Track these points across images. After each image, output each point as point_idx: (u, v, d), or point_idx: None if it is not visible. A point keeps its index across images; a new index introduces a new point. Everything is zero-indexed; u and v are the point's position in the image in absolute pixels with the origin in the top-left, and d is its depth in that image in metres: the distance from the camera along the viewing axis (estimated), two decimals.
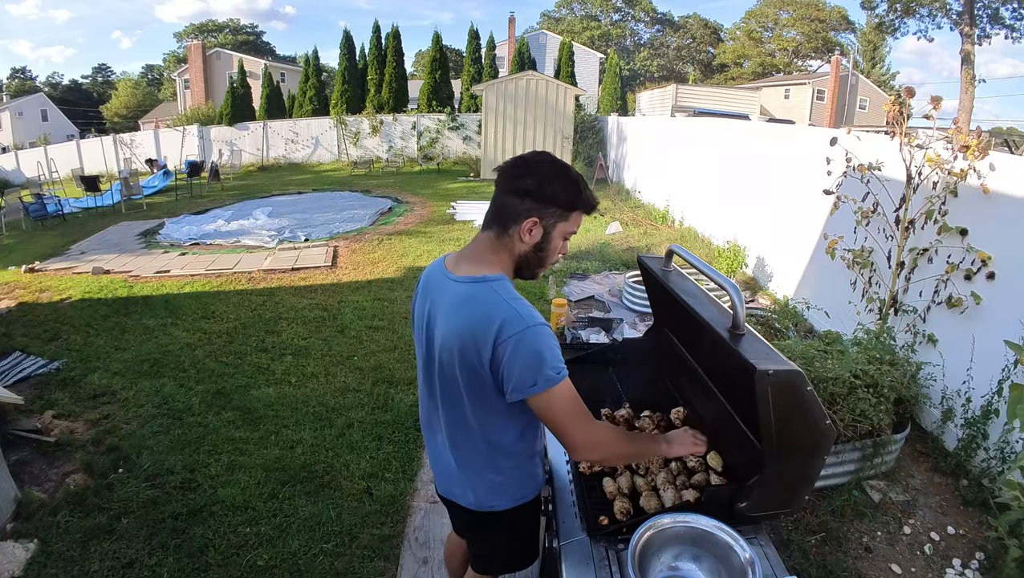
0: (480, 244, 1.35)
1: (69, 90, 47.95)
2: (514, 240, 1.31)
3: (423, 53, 39.99)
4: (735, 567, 1.21)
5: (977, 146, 3.00)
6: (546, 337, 1.23)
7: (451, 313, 1.30)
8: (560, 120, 14.24)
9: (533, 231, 1.29)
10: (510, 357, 1.20)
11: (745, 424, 1.46)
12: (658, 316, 2.13)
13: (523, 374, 1.21)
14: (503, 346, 1.21)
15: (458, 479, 1.47)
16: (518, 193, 1.29)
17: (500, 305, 1.24)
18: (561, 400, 1.24)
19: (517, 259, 1.34)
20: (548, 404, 1.24)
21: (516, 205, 1.29)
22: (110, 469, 3.05)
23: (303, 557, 2.47)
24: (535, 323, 1.22)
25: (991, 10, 25.99)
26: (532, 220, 1.28)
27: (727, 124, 7.56)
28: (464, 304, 1.28)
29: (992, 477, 2.73)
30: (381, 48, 20.51)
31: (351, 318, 5.23)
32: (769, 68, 41.42)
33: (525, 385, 1.21)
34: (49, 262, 7.64)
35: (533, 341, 1.21)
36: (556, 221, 1.31)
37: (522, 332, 1.20)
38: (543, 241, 1.32)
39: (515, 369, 1.21)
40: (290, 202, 12.17)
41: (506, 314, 1.22)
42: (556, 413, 1.25)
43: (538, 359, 1.20)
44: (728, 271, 6.16)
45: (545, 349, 1.21)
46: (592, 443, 1.31)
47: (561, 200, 1.30)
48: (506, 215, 1.30)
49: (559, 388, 1.23)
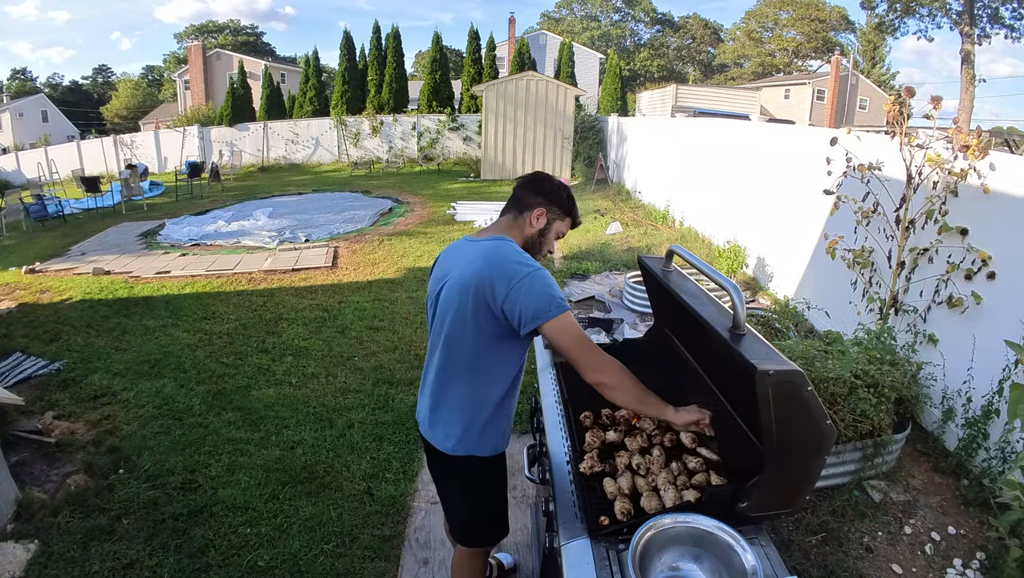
0: (500, 223, 1.74)
1: (69, 91, 47.97)
2: (526, 222, 1.70)
3: (423, 54, 39.99)
4: (736, 567, 1.21)
5: (977, 146, 3.00)
6: (549, 279, 1.53)
7: (473, 260, 1.57)
8: (560, 120, 14.24)
9: (540, 218, 1.70)
10: (526, 293, 1.48)
11: (746, 424, 1.46)
12: (659, 316, 2.13)
13: (538, 304, 1.48)
14: (519, 284, 1.49)
15: (435, 420, 1.70)
16: (534, 191, 1.72)
17: (514, 257, 1.56)
18: (572, 324, 1.50)
19: (525, 240, 1.71)
20: (562, 327, 1.48)
21: (532, 198, 1.71)
22: (111, 470, 3.06)
23: (304, 558, 2.47)
24: (539, 267, 1.55)
25: (991, 10, 25.97)
26: (541, 210, 1.70)
27: (727, 124, 7.56)
28: (488, 253, 1.57)
29: (993, 477, 2.73)
30: (381, 49, 20.52)
31: (351, 319, 5.23)
32: (769, 68, 41.43)
33: (542, 313, 1.47)
34: (50, 263, 7.65)
35: (542, 279, 1.51)
36: (556, 218, 1.73)
37: (533, 272, 1.51)
38: (545, 228, 1.72)
39: (531, 301, 1.48)
40: (290, 203, 12.17)
41: (519, 259, 1.55)
42: (570, 335, 1.49)
43: (549, 290, 1.50)
44: (728, 271, 6.15)
45: (552, 285, 1.53)
46: (599, 365, 1.51)
47: (563, 204, 1.74)
48: (523, 203, 1.71)
49: (568, 315, 1.50)
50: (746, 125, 7.58)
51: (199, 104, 27.06)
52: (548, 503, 1.61)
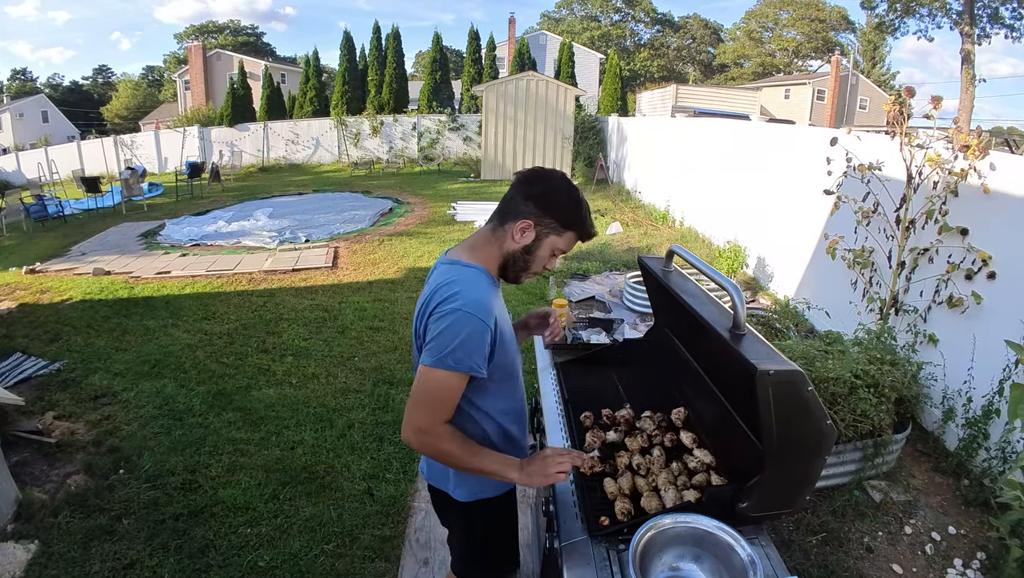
0: (477, 234, 1.42)
1: (69, 91, 47.95)
2: (507, 236, 1.36)
3: (423, 54, 40.00)
4: (736, 567, 1.21)
5: (977, 146, 3.00)
6: (472, 326, 1.24)
7: (424, 291, 1.37)
8: (560, 121, 14.25)
9: (525, 233, 1.35)
10: (433, 325, 1.26)
11: (746, 424, 1.46)
12: (659, 316, 2.13)
13: (433, 344, 1.24)
14: (431, 317, 1.27)
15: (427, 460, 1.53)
16: (524, 195, 1.35)
17: (450, 284, 1.29)
18: (433, 383, 1.26)
19: (504, 256, 1.38)
20: (425, 380, 1.26)
21: (519, 205, 1.35)
22: (111, 470, 3.06)
23: (304, 558, 2.47)
24: (471, 311, 1.24)
25: (991, 9, 25.97)
26: (527, 222, 1.34)
27: (727, 124, 7.56)
28: (430, 281, 1.37)
29: (993, 477, 2.72)
30: (381, 49, 20.53)
31: (352, 319, 5.23)
32: (769, 68, 41.42)
33: (429, 354, 1.25)
34: (50, 263, 7.65)
35: (456, 321, 1.23)
36: (550, 232, 1.36)
37: (453, 310, 1.24)
38: (532, 246, 1.36)
39: (431, 338, 1.26)
40: (291, 203, 12.18)
41: (449, 292, 1.27)
42: (419, 388, 1.28)
43: (452, 338, 1.23)
44: (728, 271, 6.15)
45: (464, 334, 1.23)
46: (421, 429, 1.28)
47: (560, 214, 1.35)
48: (507, 211, 1.37)
49: (441, 373, 1.24)
50: (746, 125, 7.59)
51: (199, 104, 27.05)
52: (548, 503, 1.61)
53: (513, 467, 1.35)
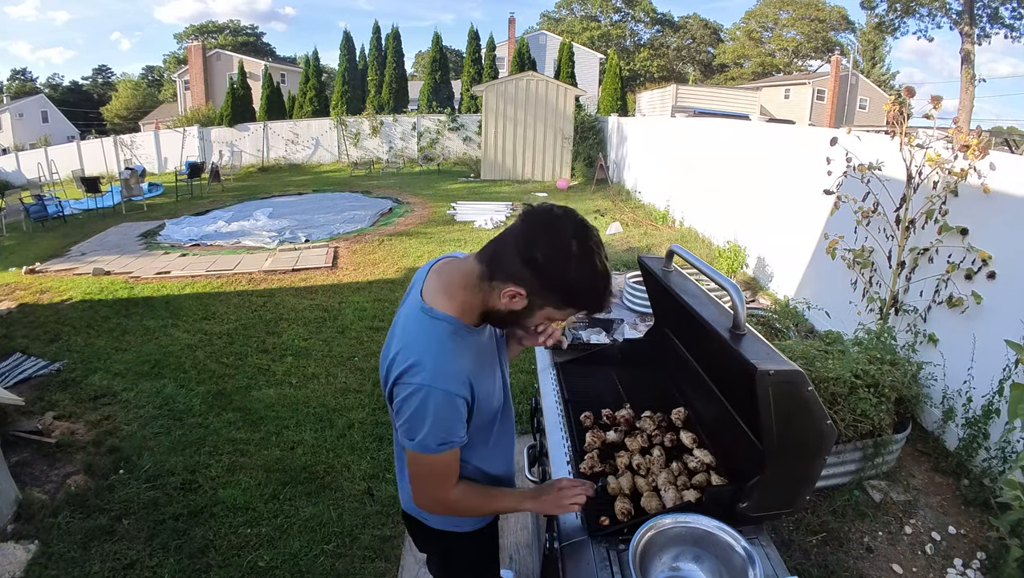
0: (463, 270, 1.19)
1: (69, 91, 47.94)
2: (493, 292, 1.14)
3: (423, 54, 39.98)
4: (736, 567, 1.21)
5: (977, 145, 3.00)
6: (438, 404, 1.12)
7: (390, 336, 1.27)
8: (560, 121, 14.24)
9: (515, 300, 1.12)
10: (400, 403, 1.15)
11: (746, 424, 1.46)
12: (659, 316, 2.13)
13: (406, 425, 1.15)
14: (398, 389, 1.15)
15: (404, 485, 1.41)
16: (524, 256, 1.08)
17: (420, 348, 1.15)
18: (431, 469, 1.20)
19: (487, 309, 1.18)
20: (418, 465, 1.21)
21: (514, 266, 1.09)
22: (111, 470, 3.06)
23: (304, 558, 2.47)
24: (437, 386, 1.11)
25: (991, 9, 25.98)
26: (519, 291, 1.10)
27: (727, 124, 7.56)
28: (399, 325, 1.25)
29: (993, 477, 2.73)
30: (381, 49, 20.53)
31: (352, 319, 5.23)
32: (769, 68, 41.42)
33: (406, 436, 1.16)
34: (50, 263, 7.65)
35: (423, 401, 1.11)
36: (546, 304, 1.14)
37: (419, 387, 1.11)
38: (522, 313, 1.16)
39: (403, 416, 1.15)
40: (290, 203, 12.17)
41: (417, 358, 1.13)
42: (414, 471, 1.23)
43: (422, 421, 1.12)
44: (728, 271, 6.15)
45: (431, 417, 1.12)
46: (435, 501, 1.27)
47: (565, 295, 1.12)
48: (499, 265, 1.11)
49: (433, 458, 1.17)
50: (746, 125, 7.58)
51: (199, 104, 27.05)
52: None
53: (527, 498, 1.38)
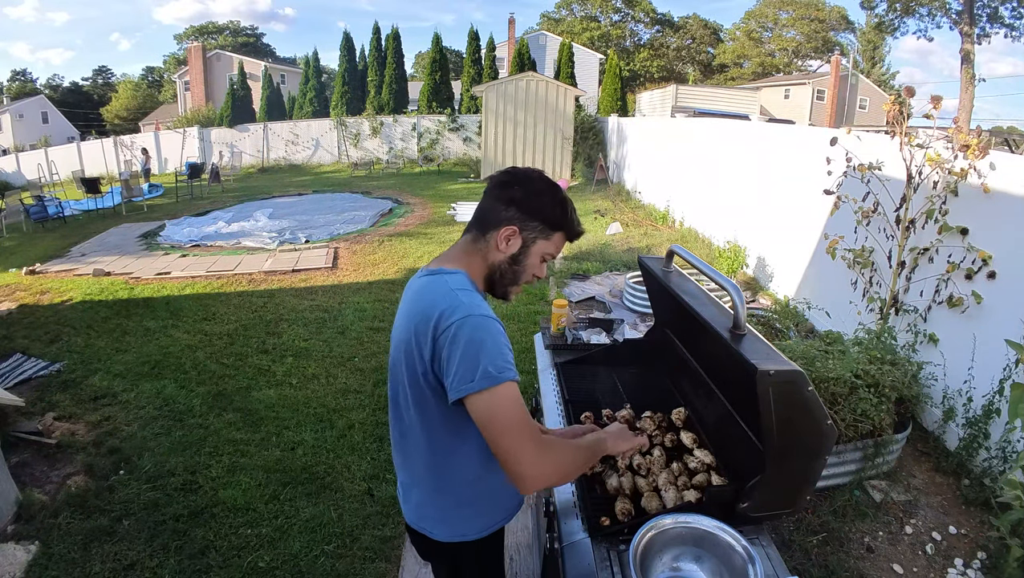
0: (456, 247, 1.29)
1: (69, 92, 47.92)
2: (490, 246, 1.24)
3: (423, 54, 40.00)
4: (737, 568, 1.21)
5: (977, 145, 3.00)
6: (489, 328, 1.09)
7: (401, 313, 1.25)
8: (560, 121, 14.25)
9: (511, 240, 1.23)
10: (449, 347, 1.08)
11: (746, 424, 1.46)
12: (659, 317, 2.13)
13: (461, 368, 1.06)
14: (443, 337, 1.09)
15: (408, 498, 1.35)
16: (504, 200, 1.23)
17: (445, 295, 1.14)
18: (504, 407, 1.06)
19: (490, 268, 1.25)
20: (488, 408, 1.06)
21: (500, 211, 1.23)
22: (111, 471, 3.06)
23: (304, 558, 2.47)
24: (479, 313, 1.10)
25: (991, 9, 25.98)
26: (512, 228, 1.22)
27: (727, 124, 7.56)
28: (414, 299, 1.22)
29: (994, 477, 2.72)
30: (381, 49, 20.53)
31: (352, 319, 5.23)
32: (769, 68, 41.40)
33: (464, 381, 1.06)
34: (50, 264, 7.65)
35: (473, 330, 1.08)
36: (537, 237, 1.25)
37: (462, 320, 1.08)
38: (520, 254, 1.25)
39: (453, 361, 1.08)
40: (290, 204, 12.18)
41: (448, 303, 1.12)
42: (498, 422, 1.06)
43: (478, 350, 1.06)
44: (729, 271, 6.15)
45: (488, 340, 1.08)
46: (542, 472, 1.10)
47: (546, 215, 1.24)
48: (487, 220, 1.25)
49: (502, 389, 1.06)
50: (746, 125, 7.58)
51: (199, 105, 27.05)
52: (548, 503, 1.61)
53: (603, 441, 1.31)
